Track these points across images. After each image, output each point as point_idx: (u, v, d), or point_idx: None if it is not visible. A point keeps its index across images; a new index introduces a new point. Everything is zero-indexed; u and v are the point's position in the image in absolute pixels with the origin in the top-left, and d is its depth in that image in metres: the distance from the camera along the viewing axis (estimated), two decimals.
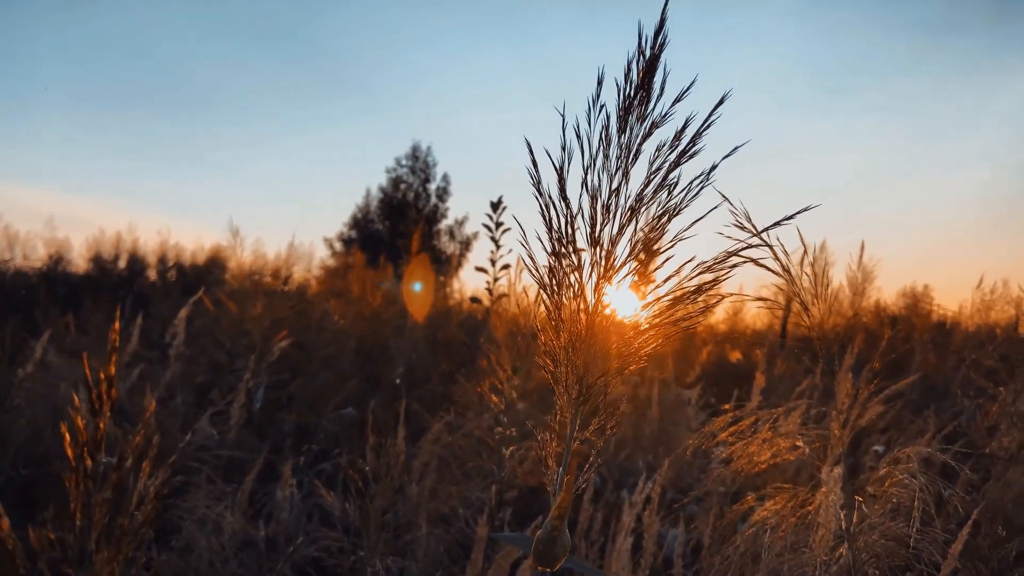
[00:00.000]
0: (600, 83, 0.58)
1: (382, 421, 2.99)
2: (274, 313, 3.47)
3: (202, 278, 7.72)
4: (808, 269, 1.11)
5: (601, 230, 0.59)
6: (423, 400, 3.34)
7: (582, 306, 0.59)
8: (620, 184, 0.59)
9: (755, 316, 5.97)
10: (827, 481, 1.20)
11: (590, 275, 0.60)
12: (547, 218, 0.60)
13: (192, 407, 2.81)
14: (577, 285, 0.60)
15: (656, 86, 0.60)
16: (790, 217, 0.59)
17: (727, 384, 3.82)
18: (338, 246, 23.88)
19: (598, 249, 0.59)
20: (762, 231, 0.65)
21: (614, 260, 0.59)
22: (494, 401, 1.51)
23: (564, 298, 0.60)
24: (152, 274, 8.15)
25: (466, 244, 23.27)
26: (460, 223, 23.60)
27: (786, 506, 1.12)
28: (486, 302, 4.14)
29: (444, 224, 23.90)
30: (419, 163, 24.80)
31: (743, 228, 0.72)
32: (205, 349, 3.35)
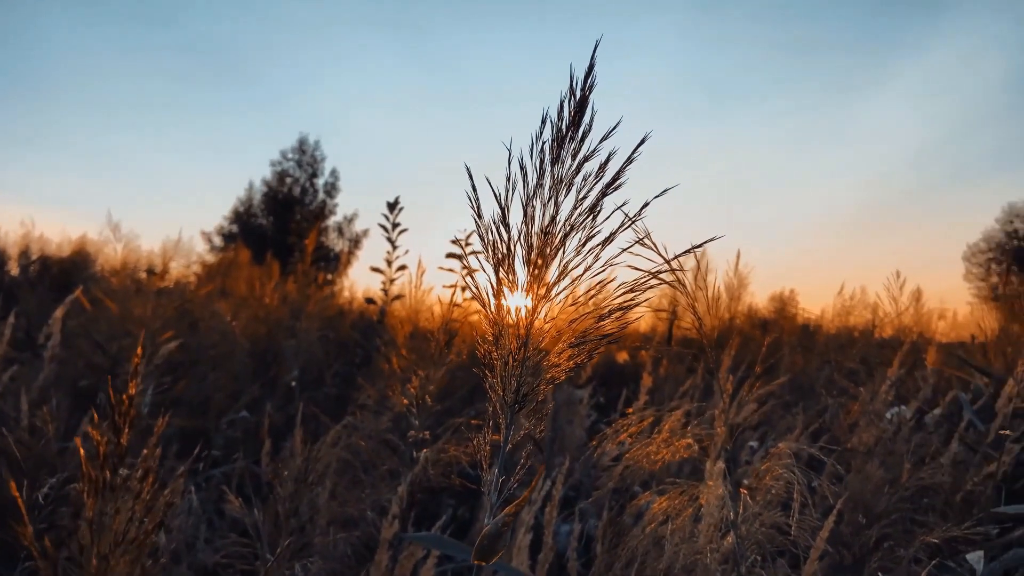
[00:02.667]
0: (544, 121, 0.64)
1: (278, 425, 2.94)
2: (160, 313, 3.34)
3: (69, 274, 7.28)
4: (701, 281, 1.22)
5: (537, 254, 0.65)
6: (318, 402, 3.31)
7: (519, 322, 0.65)
8: (554, 212, 0.65)
9: (639, 319, 6.22)
10: (711, 475, 1.31)
11: (526, 294, 0.66)
12: (487, 242, 0.66)
13: (71, 412, 2.66)
14: (514, 303, 0.65)
15: (585, 123, 0.67)
16: (699, 245, 0.67)
17: (615, 384, 3.99)
18: (218, 241, 22.94)
19: (534, 270, 0.65)
20: (673, 258, 0.72)
21: (547, 281, 0.65)
22: (403, 403, 1.54)
23: (502, 314, 0.66)
24: (14, 267, 7.57)
25: (355, 242, 22.90)
26: (349, 220, 23.18)
27: (681, 499, 1.22)
28: (381, 303, 4.13)
29: (332, 221, 23.39)
30: (306, 157, 24.14)
31: (647, 247, 0.80)
32: (82, 351, 3.18)
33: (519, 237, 0.65)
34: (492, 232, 0.65)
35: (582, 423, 2.92)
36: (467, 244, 3.07)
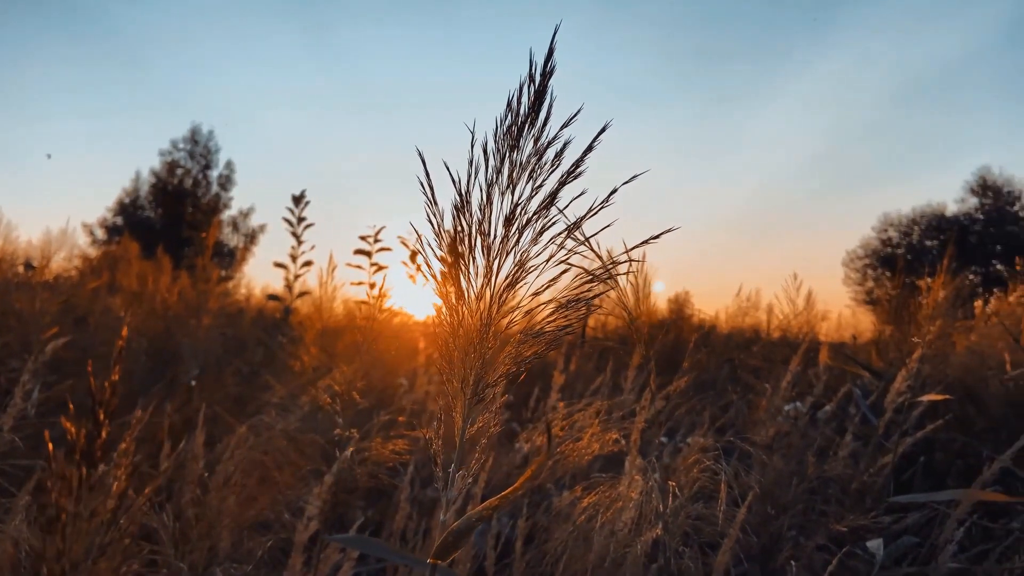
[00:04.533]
0: (508, 105, 0.62)
1: (177, 426, 2.79)
2: (46, 308, 3.11)
3: None
4: (633, 279, 1.23)
5: (499, 244, 0.63)
6: (218, 401, 3.16)
7: (479, 313, 0.63)
8: (514, 200, 0.64)
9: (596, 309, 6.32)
10: (632, 470, 1.33)
11: (483, 285, 0.64)
12: (443, 232, 0.63)
13: None
14: (472, 294, 0.64)
15: (544, 110, 0.66)
16: (656, 237, 0.68)
17: (527, 382, 4.01)
18: (100, 234, 21.71)
19: (492, 261, 0.64)
20: (625, 251, 0.72)
21: (507, 271, 0.64)
22: (326, 401, 1.49)
23: (461, 306, 0.64)
24: None
25: (251, 237, 22.08)
26: (245, 214, 22.33)
27: (610, 493, 1.23)
28: (285, 300, 4.00)
29: (227, 215, 22.48)
30: (199, 148, 23.09)
31: (588, 246, 0.80)
32: None
33: (478, 225, 0.63)
34: (457, 219, 0.63)
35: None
36: (376, 241, 3.01)
